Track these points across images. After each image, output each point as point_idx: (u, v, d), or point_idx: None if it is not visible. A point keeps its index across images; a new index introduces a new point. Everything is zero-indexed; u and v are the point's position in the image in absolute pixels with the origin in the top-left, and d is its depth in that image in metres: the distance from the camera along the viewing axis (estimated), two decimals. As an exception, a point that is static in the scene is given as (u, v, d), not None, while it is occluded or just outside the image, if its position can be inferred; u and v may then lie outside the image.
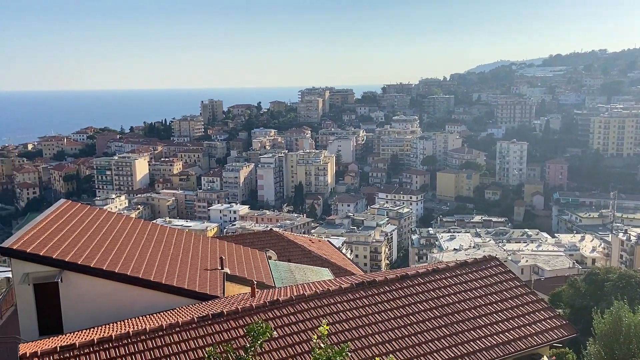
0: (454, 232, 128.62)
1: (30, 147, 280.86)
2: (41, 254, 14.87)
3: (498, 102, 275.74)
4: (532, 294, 14.21)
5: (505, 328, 12.71)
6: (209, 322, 12.33)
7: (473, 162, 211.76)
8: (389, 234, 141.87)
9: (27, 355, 11.09)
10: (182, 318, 12.73)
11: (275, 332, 11.38)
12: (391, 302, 13.26)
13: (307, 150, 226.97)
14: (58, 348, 11.30)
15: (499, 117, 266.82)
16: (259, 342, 7.26)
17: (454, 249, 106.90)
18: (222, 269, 18.67)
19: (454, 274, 14.50)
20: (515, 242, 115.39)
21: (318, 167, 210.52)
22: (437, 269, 14.66)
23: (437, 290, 13.78)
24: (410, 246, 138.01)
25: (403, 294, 13.57)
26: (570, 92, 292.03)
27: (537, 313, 13.30)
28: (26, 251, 14.75)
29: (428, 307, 13.19)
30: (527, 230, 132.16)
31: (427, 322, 12.69)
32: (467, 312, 13.14)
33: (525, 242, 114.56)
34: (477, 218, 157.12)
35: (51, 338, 13.49)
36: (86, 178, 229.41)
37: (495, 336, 12.43)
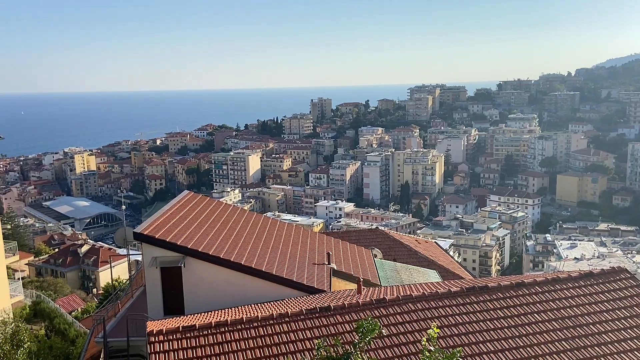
0: (575, 240, 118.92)
1: (158, 142, 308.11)
2: (167, 240, 16.23)
3: (631, 99, 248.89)
4: (670, 313, 12.66)
5: (635, 347, 11.48)
6: (317, 315, 12.62)
7: (600, 165, 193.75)
8: (500, 239, 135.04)
9: (154, 332, 12.17)
10: (291, 309, 13.16)
11: (383, 331, 11.33)
12: (505, 310, 12.58)
13: (415, 149, 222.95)
14: (180, 328, 12.28)
15: (631, 115, 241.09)
16: (367, 338, 7.26)
17: (575, 258, 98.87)
18: (329, 264, 19.01)
19: (576, 284, 13.38)
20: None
21: (425, 167, 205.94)
22: (558, 278, 13.62)
23: (557, 301, 12.80)
24: (525, 253, 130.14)
25: (518, 302, 12.79)
26: None
27: (675, 335, 11.82)
28: (155, 237, 16.19)
29: (546, 318, 12.30)
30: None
31: (544, 334, 11.84)
32: (590, 326, 12.06)
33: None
34: (602, 226, 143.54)
35: (174, 318, 14.68)
36: (205, 172, 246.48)
37: (622, 354, 11.28)
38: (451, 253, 76.75)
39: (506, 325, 12.11)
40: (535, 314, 12.41)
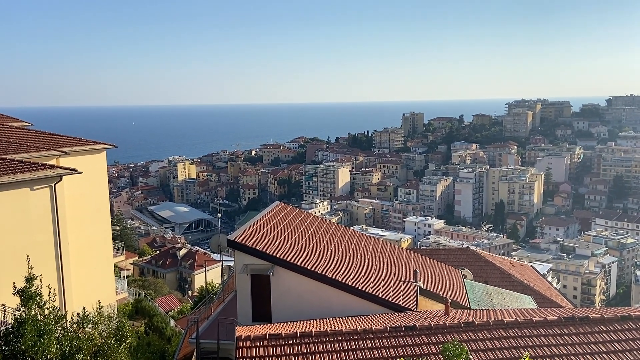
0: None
1: (253, 153, 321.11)
2: (258, 248, 16.81)
3: None
4: None
5: None
6: (401, 333, 12.41)
7: None
8: (606, 266, 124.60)
9: (242, 337, 12.64)
10: (375, 325, 13.05)
11: (470, 356, 10.89)
12: (607, 344, 11.56)
13: (512, 167, 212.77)
14: (267, 335, 12.64)
15: None
16: (453, 363, 7.04)
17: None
18: (416, 282, 18.63)
19: (695, 323, 11.97)
20: None
21: (523, 185, 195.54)
22: (673, 315, 12.27)
23: (670, 340, 11.54)
24: (634, 283, 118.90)
25: (623, 337, 11.71)
26: None
27: None
28: (246, 245, 16.84)
29: (657, 358, 11.12)
30: None
31: (655, 376, 10.71)
32: None
33: None
34: None
35: (262, 325, 15.14)
36: (296, 183, 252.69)
37: None
38: (549, 279, 71.90)
39: (609, 361, 11.11)
40: (643, 352, 11.27)
